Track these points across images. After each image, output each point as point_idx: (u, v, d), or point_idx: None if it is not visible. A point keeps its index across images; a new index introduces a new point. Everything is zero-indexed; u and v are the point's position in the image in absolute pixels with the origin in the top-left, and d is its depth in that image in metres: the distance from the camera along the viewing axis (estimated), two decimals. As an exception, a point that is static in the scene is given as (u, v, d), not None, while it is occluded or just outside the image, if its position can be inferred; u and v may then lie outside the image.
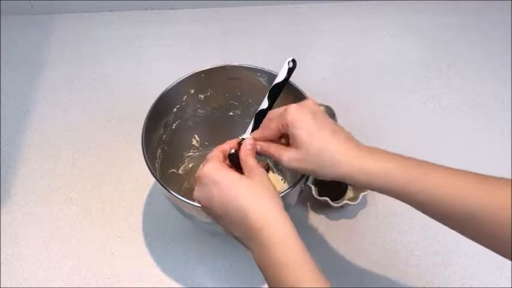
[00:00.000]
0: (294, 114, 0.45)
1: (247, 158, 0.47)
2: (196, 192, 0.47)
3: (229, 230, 0.46)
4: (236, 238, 0.46)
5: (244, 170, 0.47)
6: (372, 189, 0.44)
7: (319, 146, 0.44)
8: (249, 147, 0.48)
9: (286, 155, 0.46)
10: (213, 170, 0.45)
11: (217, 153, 0.49)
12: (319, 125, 0.45)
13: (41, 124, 0.81)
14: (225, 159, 0.49)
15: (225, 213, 0.44)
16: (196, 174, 0.46)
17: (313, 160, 0.44)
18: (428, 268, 0.64)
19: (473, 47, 0.94)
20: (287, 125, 0.45)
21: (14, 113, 0.82)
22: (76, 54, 0.93)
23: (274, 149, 0.48)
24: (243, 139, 0.51)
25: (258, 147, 0.49)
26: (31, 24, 0.98)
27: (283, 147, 0.47)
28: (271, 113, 0.50)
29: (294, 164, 0.45)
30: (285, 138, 0.49)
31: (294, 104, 0.46)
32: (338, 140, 0.44)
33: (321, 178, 0.45)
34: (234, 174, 0.45)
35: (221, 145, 0.50)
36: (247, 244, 0.44)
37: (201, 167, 0.47)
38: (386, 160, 0.43)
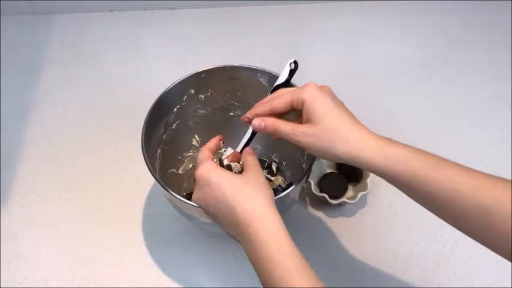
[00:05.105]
0: (314, 91, 0.45)
1: (247, 157, 0.50)
2: (195, 195, 0.48)
3: (224, 228, 0.47)
4: (230, 236, 0.47)
5: (244, 165, 0.49)
6: (380, 173, 0.43)
7: (336, 121, 0.44)
8: (250, 150, 0.51)
9: (300, 129, 0.45)
10: (206, 170, 0.46)
11: (207, 154, 0.50)
12: (337, 104, 0.45)
13: (41, 124, 0.81)
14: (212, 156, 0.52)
15: (217, 211, 0.45)
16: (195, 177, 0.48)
17: (326, 135, 0.43)
18: (428, 268, 0.64)
19: (473, 47, 0.94)
20: (303, 100, 0.45)
21: (14, 113, 0.82)
22: (76, 54, 0.93)
23: (286, 124, 0.47)
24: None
25: (263, 124, 0.48)
26: (31, 24, 0.98)
27: (293, 123, 0.47)
28: (282, 90, 0.50)
29: (306, 139, 0.44)
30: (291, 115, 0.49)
31: (313, 83, 0.46)
32: (354, 120, 0.45)
33: (330, 157, 0.45)
34: (224, 172, 0.47)
35: (207, 144, 0.53)
36: (239, 240, 0.45)
37: (195, 168, 0.49)
38: (399, 145, 0.43)
